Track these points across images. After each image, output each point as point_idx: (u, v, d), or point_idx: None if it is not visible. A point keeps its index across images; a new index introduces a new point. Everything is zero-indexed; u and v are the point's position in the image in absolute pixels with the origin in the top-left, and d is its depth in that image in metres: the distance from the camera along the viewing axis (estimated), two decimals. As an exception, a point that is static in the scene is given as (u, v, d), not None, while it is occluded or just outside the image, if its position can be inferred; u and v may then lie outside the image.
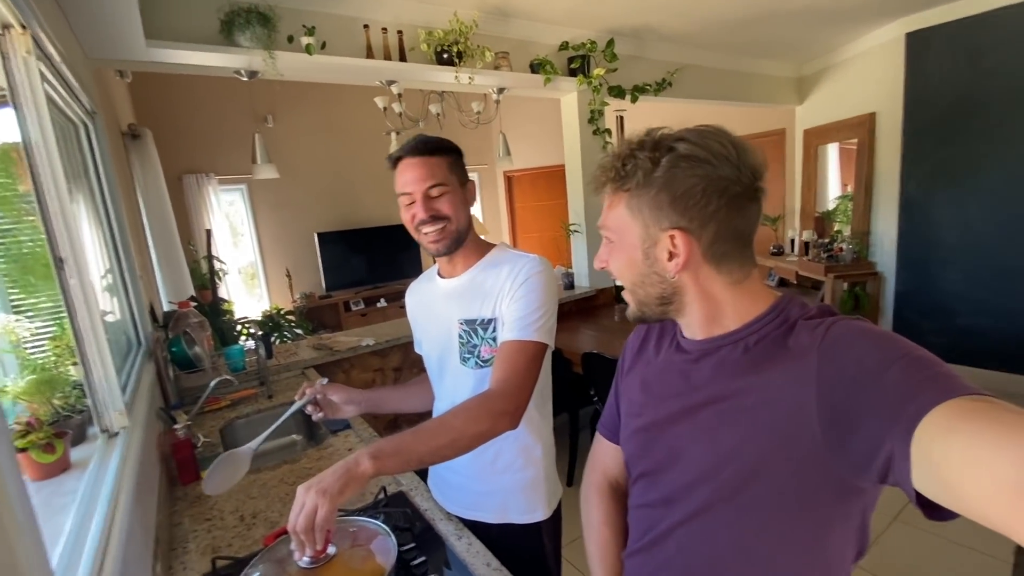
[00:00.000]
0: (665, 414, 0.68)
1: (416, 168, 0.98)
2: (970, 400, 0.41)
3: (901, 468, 0.43)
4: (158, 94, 4.25)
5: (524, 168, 5.99)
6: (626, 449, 0.78)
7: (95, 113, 1.67)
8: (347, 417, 1.13)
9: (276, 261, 5.13)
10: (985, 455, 0.36)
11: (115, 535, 0.76)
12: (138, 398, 1.29)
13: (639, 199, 0.62)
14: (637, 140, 0.63)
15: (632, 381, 0.78)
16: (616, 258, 0.67)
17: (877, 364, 0.48)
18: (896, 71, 3.72)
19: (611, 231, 0.67)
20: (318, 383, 1.09)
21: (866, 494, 0.57)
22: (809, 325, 0.57)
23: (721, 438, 0.61)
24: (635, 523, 0.76)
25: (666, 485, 0.68)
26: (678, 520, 0.66)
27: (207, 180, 4.56)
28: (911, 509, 2.20)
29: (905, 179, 3.79)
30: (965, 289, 3.56)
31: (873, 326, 0.54)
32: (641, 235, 0.63)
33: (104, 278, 1.60)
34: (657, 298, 0.66)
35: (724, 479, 0.60)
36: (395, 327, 2.66)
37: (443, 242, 1.01)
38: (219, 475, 0.90)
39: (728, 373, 0.62)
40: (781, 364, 0.57)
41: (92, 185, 1.65)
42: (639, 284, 0.66)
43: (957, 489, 0.38)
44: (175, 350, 1.81)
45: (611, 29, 3.16)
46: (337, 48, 2.31)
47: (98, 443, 1.04)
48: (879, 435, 0.45)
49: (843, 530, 0.59)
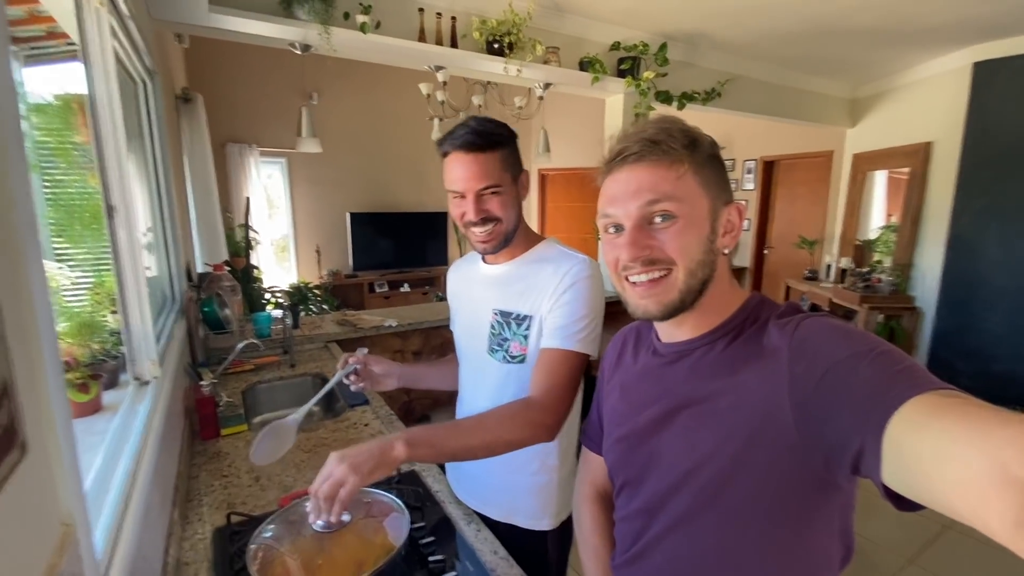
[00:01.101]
0: (645, 421, 0.68)
1: (468, 166, 0.91)
2: (940, 395, 0.41)
3: (871, 462, 0.43)
4: (210, 61, 4.36)
5: (559, 167, 5.95)
6: (608, 459, 0.77)
7: (155, 73, 1.72)
8: (386, 389, 1.12)
9: (308, 236, 5.22)
10: (956, 450, 0.37)
11: (142, 475, 0.78)
12: (169, 352, 1.33)
13: (705, 171, 0.62)
14: (676, 119, 0.64)
15: (612, 391, 0.78)
16: (685, 234, 0.60)
17: (847, 360, 0.48)
18: (959, 101, 3.56)
19: (679, 203, 0.60)
20: (359, 352, 1.09)
21: (843, 491, 0.57)
22: (779, 324, 0.57)
23: (698, 441, 0.61)
24: (621, 535, 0.75)
25: (647, 493, 0.68)
26: (661, 530, 0.66)
27: (249, 150, 4.66)
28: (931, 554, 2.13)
29: (957, 213, 3.64)
30: (1007, 333, 3.40)
31: (841, 322, 0.54)
32: (710, 206, 0.62)
33: (147, 234, 1.65)
34: (702, 282, 0.62)
35: (702, 483, 0.60)
36: (418, 311, 2.68)
37: (492, 243, 0.97)
38: (266, 445, 0.89)
39: (702, 375, 0.62)
40: (754, 364, 0.57)
41: (145, 143, 1.70)
42: (701, 265, 0.61)
43: (928, 483, 0.39)
44: (207, 310, 1.86)
45: (664, 33, 3.11)
46: (391, 29, 2.32)
47: (129, 389, 1.07)
48: (850, 430, 0.45)
49: (825, 530, 0.59)
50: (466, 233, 0.98)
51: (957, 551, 2.16)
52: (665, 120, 0.63)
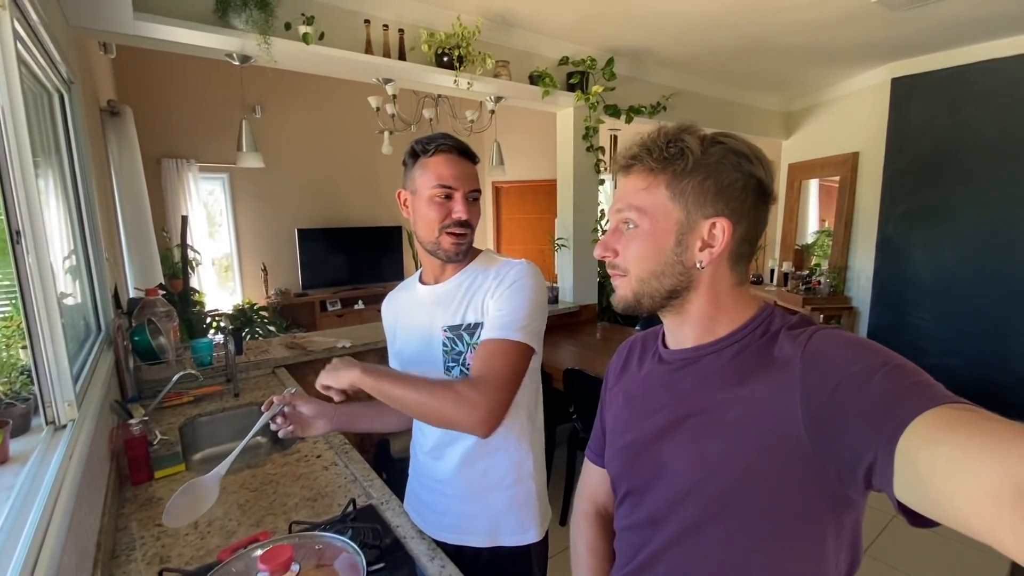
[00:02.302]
0: (651, 429, 0.67)
1: (463, 167, 0.94)
2: (953, 409, 0.41)
3: (884, 476, 0.43)
4: (143, 72, 4.11)
5: (512, 180, 5.98)
6: (611, 468, 0.76)
7: (72, 83, 1.58)
8: (317, 434, 1.04)
9: (253, 255, 4.98)
10: (970, 465, 0.36)
11: (50, 541, 0.68)
12: (92, 388, 1.20)
13: (683, 183, 0.60)
14: (680, 127, 0.63)
15: (616, 398, 0.76)
16: (640, 244, 0.62)
17: (860, 372, 0.48)
18: (881, 114, 3.84)
19: (642, 214, 0.62)
20: (286, 392, 1.01)
21: (856, 505, 0.56)
22: (791, 335, 0.57)
23: (706, 450, 0.60)
24: (623, 546, 0.73)
25: (652, 503, 0.66)
26: (667, 541, 0.64)
27: (187, 166, 4.41)
28: (881, 543, 2.22)
29: (884, 219, 3.90)
30: (936, 329, 3.65)
31: (853, 335, 0.54)
32: (680, 220, 0.61)
33: (68, 259, 1.50)
34: (668, 291, 0.63)
35: (711, 494, 0.59)
36: (373, 330, 2.59)
37: (462, 247, 0.98)
38: (181, 504, 0.82)
39: (712, 384, 0.61)
40: (765, 375, 0.56)
41: (63, 159, 1.55)
42: (656, 274, 0.62)
43: (942, 499, 0.38)
44: (137, 339, 1.71)
45: (611, 48, 3.19)
46: (335, 40, 2.25)
47: (43, 435, 0.95)
48: (863, 443, 0.45)
49: (836, 543, 0.58)
50: (438, 237, 0.95)
51: (906, 539, 2.26)
52: (661, 130, 0.63)
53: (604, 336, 3.09)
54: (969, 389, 3.37)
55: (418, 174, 0.95)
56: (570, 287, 3.40)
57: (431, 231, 0.96)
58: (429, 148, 0.94)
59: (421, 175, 0.95)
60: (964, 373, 3.47)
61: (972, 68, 3.33)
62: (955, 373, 3.50)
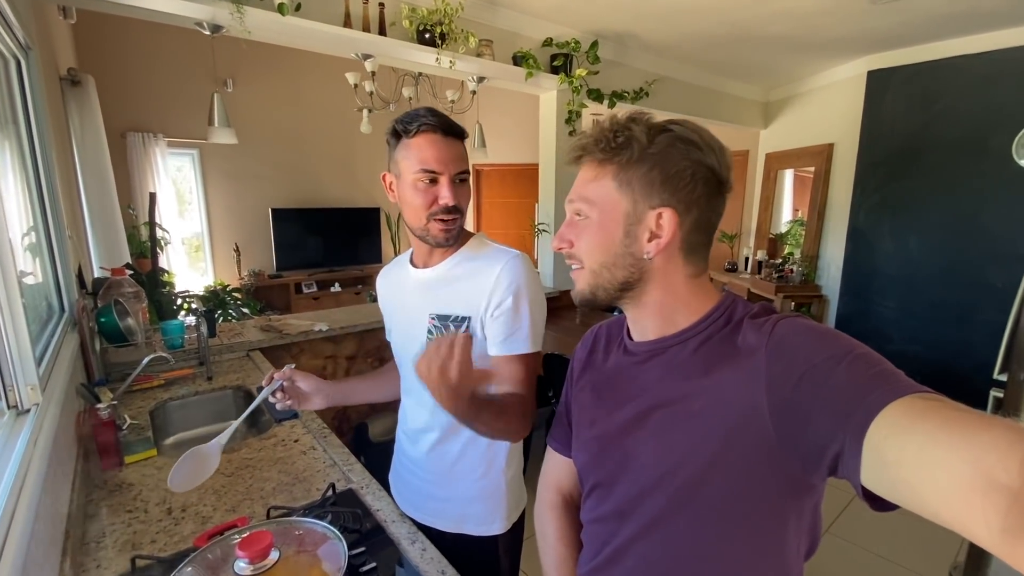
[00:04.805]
0: (618, 422, 0.67)
1: (448, 148, 0.87)
2: (920, 399, 0.41)
3: (851, 465, 0.43)
4: (106, 39, 3.90)
5: (495, 163, 5.92)
6: (579, 460, 0.76)
7: (30, 49, 1.49)
8: (315, 408, 1.05)
9: (225, 234, 4.83)
10: (939, 456, 0.37)
11: (15, 530, 0.65)
12: (56, 371, 1.15)
13: (629, 173, 0.60)
14: (629, 116, 0.62)
15: (583, 390, 0.76)
16: (590, 235, 0.63)
17: (824, 362, 0.48)
18: (856, 106, 3.91)
19: (591, 205, 0.62)
20: (286, 368, 1.01)
21: (817, 490, 0.58)
22: (755, 324, 0.57)
23: (673, 442, 0.60)
24: (590, 538, 0.73)
25: (619, 496, 0.66)
26: (634, 534, 0.65)
27: (155, 140, 4.22)
28: (842, 522, 2.32)
29: (855, 209, 4.00)
30: (900, 317, 3.79)
31: (816, 323, 0.55)
32: (627, 211, 0.60)
33: (27, 236, 1.43)
34: (621, 283, 0.63)
35: (677, 485, 0.59)
36: (351, 313, 2.55)
37: (452, 232, 0.92)
38: (185, 470, 0.84)
39: (677, 375, 0.61)
40: (730, 365, 0.57)
41: (20, 130, 1.46)
42: (607, 266, 0.62)
43: (910, 489, 0.39)
44: (104, 320, 1.64)
45: (596, 31, 3.16)
46: (313, 12, 2.17)
47: (4, 420, 0.91)
48: (829, 433, 0.45)
49: (797, 527, 0.59)
50: (426, 223, 0.91)
51: (866, 517, 2.37)
52: (607, 120, 0.62)
53: (584, 322, 3.11)
54: (929, 373, 3.53)
55: (401, 156, 0.89)
56: (551, 272, 3.41)
57: (418, 217, 0.91)
58: (411, 128, 0.87)
59: (404, 158, 0.89)
60: (926, 357, 3.62)
61: (946, 63, 3.41)
62: (917, 358, 3.65)
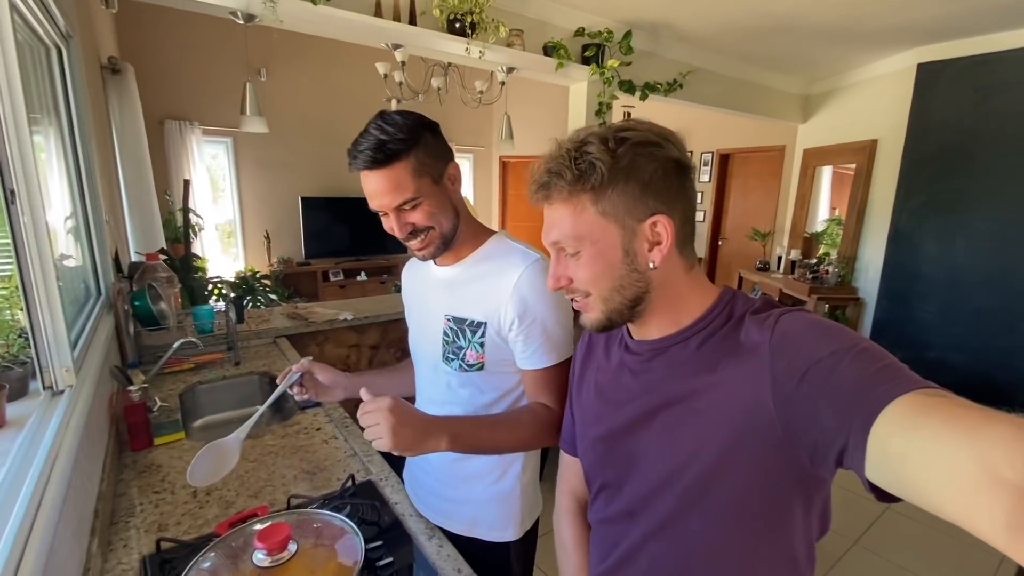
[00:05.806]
0: (623, 421, 0.66)
1: (380, 182, 0.82)
2: (925, 395, 0.41)
3: (856, 460, 0.43)
4: (145, 29, 4.00)
5: (521, 155, 5.88)
6: (585, 460, 0.75)
7: (71, 37, 1.53)
8: (333, 400, 1.05)
9: (256, 221, 4.94)
10: (944, 452, 0.37)
11: (46, 506, 0.67)
12: (91, 352, 1.19)
13: (606, 195, 0.58)
14: (579, 138, 0.59)
15: (587, 390, 0.75)
16: (590, 267, 0.61)
17: (828, 357, 0.48)
18: (903, 100, 3.72)
19: (579, 240, 0.60)
20: (304, 360, 1.00)
21: (825, 483, 0.58)
22: (757, 319, 0.57)
23: (680, 440, 0.60)
24: (599, 539, 0.73)
25: (628, 495, 0.66)
26: (645, 534, 0.64)
27: (191, 128, 4.33)
28: (873, 534, 2.23)
29: (898, 209, 3.82)
30: (941, 324, 3.62)
31: (819, 317, 0.54)
32: (619, 233, 0.59)
33: (68, 220, 1.47)
34: (631, 301, 0.62)
35: (686, 484, 0.59)
36: (375, 303, 2.57)
37: (429, 249, 0.89)
38: (205, 465, 0.83)
39: (681, 373, 0.61)
40: (734, 361, 0.56)
41: (61, 117, 1.51)
42: (616, 289, 0.61)
43: (916, 485, 0.39)
44: (138, 304, 1.69)
45: (629, 21, 3.08)
46: (344, 1, 2.17)
47: (40, 400, 0.94)
48: (835, 428, 0.45)
49: (806, 517, 0.59)
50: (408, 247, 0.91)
51: (899, 530, 2.28)
52: (562, 148, 0.60)
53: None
54: (971, 385, 3.37)
55: None
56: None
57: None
58: (350, 164, 0.85)
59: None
60: (967, 368, 3.45)
61: (1001, 56, 3.21)
62: (958, 368, 3.49)
